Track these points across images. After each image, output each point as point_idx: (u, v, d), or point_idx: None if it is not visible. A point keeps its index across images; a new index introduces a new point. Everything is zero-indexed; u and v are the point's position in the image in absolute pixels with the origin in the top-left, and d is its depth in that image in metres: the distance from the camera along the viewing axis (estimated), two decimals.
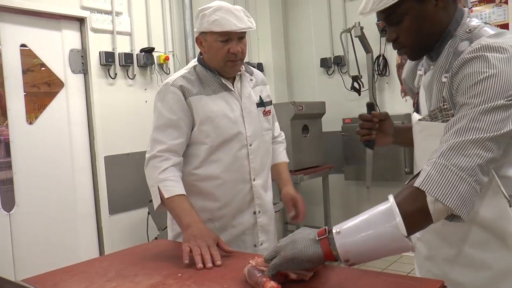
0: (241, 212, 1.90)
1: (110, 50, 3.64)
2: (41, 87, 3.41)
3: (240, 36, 1.80)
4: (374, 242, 1.07)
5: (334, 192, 4.83)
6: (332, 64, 4.92)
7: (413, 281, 1.23)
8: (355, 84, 4.64)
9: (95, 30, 3.57)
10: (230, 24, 1.75)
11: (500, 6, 3.82)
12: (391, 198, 1.10)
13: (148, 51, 3.83)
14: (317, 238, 1.11)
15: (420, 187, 1.08)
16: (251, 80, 1.96)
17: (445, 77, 1.26)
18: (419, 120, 1.36)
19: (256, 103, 1.94)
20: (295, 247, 1.12)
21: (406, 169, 4.34)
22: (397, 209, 1.06)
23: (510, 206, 1.22)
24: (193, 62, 1.93)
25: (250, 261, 1.27)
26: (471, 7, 2.79)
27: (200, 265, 1.41)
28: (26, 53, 3.30)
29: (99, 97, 3.61)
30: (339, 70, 4.91)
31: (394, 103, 4.58)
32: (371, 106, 1.65)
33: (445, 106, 1.26)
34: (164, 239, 2.88)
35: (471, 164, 1.07)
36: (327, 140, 4.67)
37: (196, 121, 1.81)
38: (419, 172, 1.12)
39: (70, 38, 3.52)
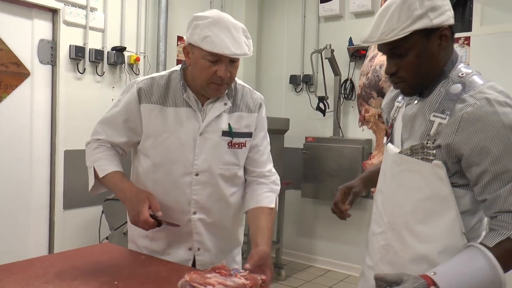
0: (177, 243, 1.72)
1: (81, 44, 3.62)
2: (10, 66, 3.35)
3: (232, 59, 1.60)
4: None
5: (290, 207, 4.91)
6: (301, 82, 5.02)
7: None
8: (321, 105, 4.75)
9: (68, 23, 3.54)
10: (223, 46, 1.53)
11: (463, 47, 4.02)
12: (497, 267, 1.19)
13: (120, 50, 3.83)
14: None
15: None
16: (225, 104, 1.71)
17: (434, 116, 1.30)
18: (398, 153, 1.40)
19: (222, 131, 1.69)
20: None
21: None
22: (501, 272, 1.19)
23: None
24: (177, 66, 1.77)
25: (185, 276, 1.32)
26: None
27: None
28: None
29: (66, 90, 3.58)
30: (307, 89, 5.01)
31: (357, 127, 4.69)
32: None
33: (428, 144, 1.31)
34: (109, 242, 2.87)
35: None
36: (288, 156, 4.75)
37: (143, 131, 1.70)
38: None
39: (41, 28, 3.48)
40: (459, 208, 1.32)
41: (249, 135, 1.75)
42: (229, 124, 1.70)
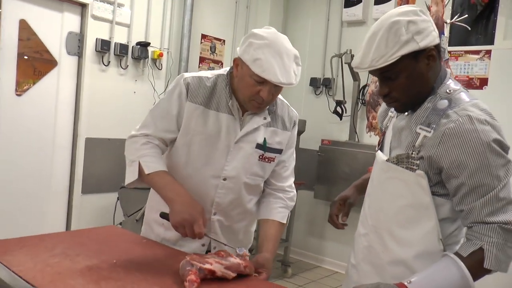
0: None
1: (107, 38, 3.78)
2: (44, 54, 3.54)
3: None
4: None
5: (302, 207, 4.99)
6: (321, 85, 5.08)
7: None
8: (338, 109, 4.81)
9: (95, 17, 3.71)
10: (270, 72, 1.55)
11: (483, 60, 4.02)
12: (467, 277, 1.27)
13: (144, 45, 3.97)
14: None
15: (491, 268, 1.28)
16: (264, 118, 1.75)
17: (420, 128, 1.38)
18: (386, 160, 1.49)
19: (257, 143, 1.74)
20: None
21: None
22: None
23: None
24: (224, 70, 1.79)
25: (186, 256, 1.44)
26: (448, 59, 2.96)
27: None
28: (25, 26, 3.43)
29: (90, 81, 3.75)
30: (327, 92, 5.07)
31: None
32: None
33: (412, 155, 1.39)
34: (115, 226, 3.00)
35: None
36: (302, 157, 4.79)
37: (181, 127, 1.73)
38: (477, 245, 1.29)
39: (70, 21, 3.66)
40: (439, 215, 1.40)
41: (279, 151, 1.80)
42: (264, 138, 1.74)
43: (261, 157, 1.75)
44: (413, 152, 1.39)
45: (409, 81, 1.37)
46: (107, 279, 1.35)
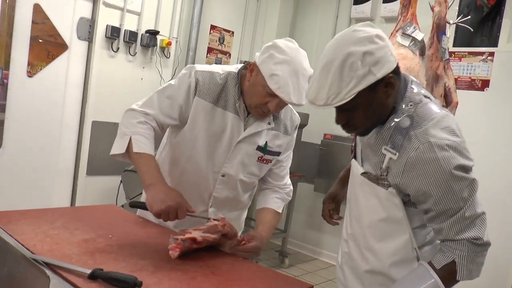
0: (186, 226, 1.74)
1: (117, 25, 3.87)
2: (58, 38, 3.64)
3: None
4: None
5: (301, 200, 5.07)
6: None
7: (284, 280, 1.51)
8: None
9: (107, 5, 3.80)
10: (284, 91, 1.58)
11: (486, 62, 4.05)
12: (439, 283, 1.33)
13: (153, 33, 4.05)
14: None
15: (464, 280, 1.34)
16: (269, 123, 1.79)
17: (386, 149, 1.36)
18: (361, 174, 1.48)
19: (258, 145, 1.79)
20: None
21: None
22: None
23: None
24: (235, 67, 1.81)
25: (171, 235, 1.53)
26: (448, 59, 2.99)
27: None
28: (39, 10, 3.53)
29: (99, 66, 3.85)
30: None
31: None
32: None
33: (382, 176, 1.40)
34: (114, 205, 3.10)
35: (488, 245, 1.34)
36: (304, 150, 4.90)
37: (188, 120, 1.76)
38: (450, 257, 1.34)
39: (82, 7, 3.75)
40: (413, 224, 1.45)
41: (278, 154, 1.86)
42: (266, 142, 1.80)
43: (260, 158, 1.81)
44: (382, 174, 1.40)
45: (368, 111, 1.33)
46: (101, 251, 1.44)
